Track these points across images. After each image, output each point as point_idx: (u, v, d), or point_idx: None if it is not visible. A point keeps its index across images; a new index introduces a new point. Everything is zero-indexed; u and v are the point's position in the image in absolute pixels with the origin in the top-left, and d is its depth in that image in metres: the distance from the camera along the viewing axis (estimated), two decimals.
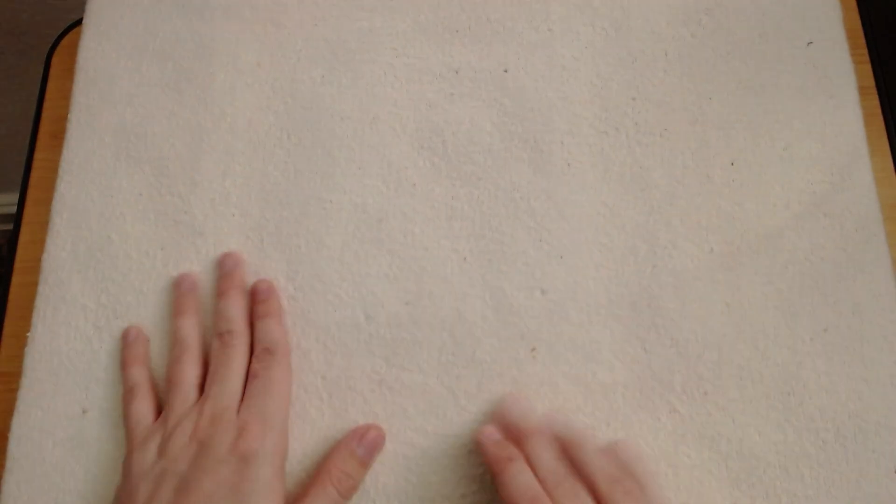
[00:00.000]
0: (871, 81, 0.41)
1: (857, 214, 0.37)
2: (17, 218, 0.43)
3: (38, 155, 0.44)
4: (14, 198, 0.45)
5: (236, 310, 0.37)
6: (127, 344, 0.38)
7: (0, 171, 1.00)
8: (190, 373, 0.36)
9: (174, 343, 0.37)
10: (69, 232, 0.40)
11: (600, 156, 0.39)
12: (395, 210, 0.39)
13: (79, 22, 0.46)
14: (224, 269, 0.38)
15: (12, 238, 0.43)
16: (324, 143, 0.40)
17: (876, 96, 0.41)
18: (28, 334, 0.38)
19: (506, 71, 0.41)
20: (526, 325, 0.36)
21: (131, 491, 0.33)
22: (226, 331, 0.36)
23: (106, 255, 0.39)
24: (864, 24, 0.42)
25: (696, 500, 0.33)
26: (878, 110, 0.40)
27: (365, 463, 0.34)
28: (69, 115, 0.42)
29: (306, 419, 0.36)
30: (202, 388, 0.36)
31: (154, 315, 0.38)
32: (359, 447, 0.34)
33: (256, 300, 0.38)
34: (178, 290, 0.38)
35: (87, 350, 0.38)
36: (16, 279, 0.41)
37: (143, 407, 0.36)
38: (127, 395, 0.37)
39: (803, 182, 0.38)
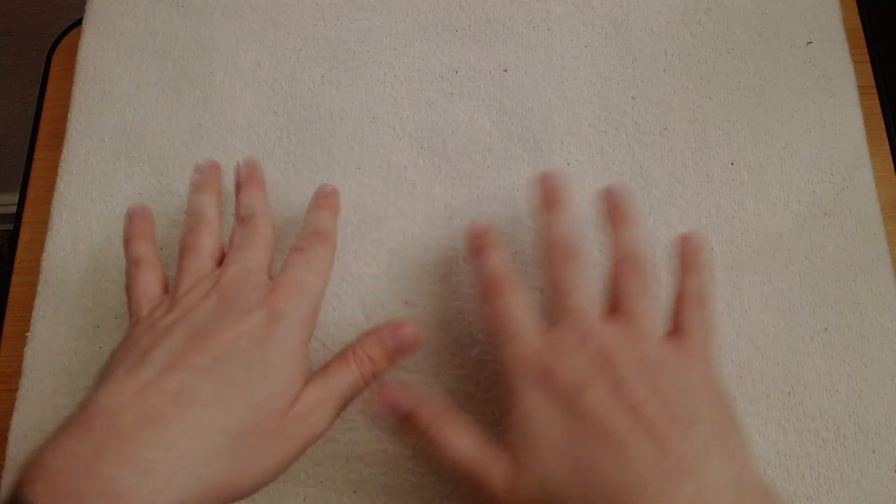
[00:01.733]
0: (870, 81, 0.41)
1: (857, 214, 0.37)
2: (17, 218, 0.43)
3: (38, 155, 0.44)
4: (14, 198, 0.45)
5: (256, 197, 0.35)
6: (131, 219, 0.34)
7: (0, 171, 1.00)
8: (207, 241, 0.33)
9: (190, 215, 0.34)
10: (69, 232, 0.40)
11: (600, 155, 0.39)
12: (395, 209, 0.39)
13: (79, 22, 0.46)
14: (245, 170, 0.36)
15: (12, 238, 0.43)
16: (323, 143, 0.40)
17: (876, 96, 0.41)
18: (28, 334, 0.38)
19: (505, 70, 0.41)
20: None
21: (128, 342, 0.29)
22: (248, 215, 0.34)
23: (106, 256, 0.39)
24: (863, 24, 0.42)
25: None
26: (878, 110, 0.40)
27: (391, 356, 0.31)
28: (69, 115, 0.42)
29: None
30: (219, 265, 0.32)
31: None
32: (390, 338, 0.31)
33: (316, 196, 0.36)
34: (199, 170, 0.36)
35: (87, 350, 0.37)
36: (16, 279, 0.41)
37: (151, 278, 0.32)
38: (132, 268, 0.33)
39: (803, 181, 0.38)
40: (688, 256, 0.33)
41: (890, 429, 0.34)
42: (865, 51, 0.42)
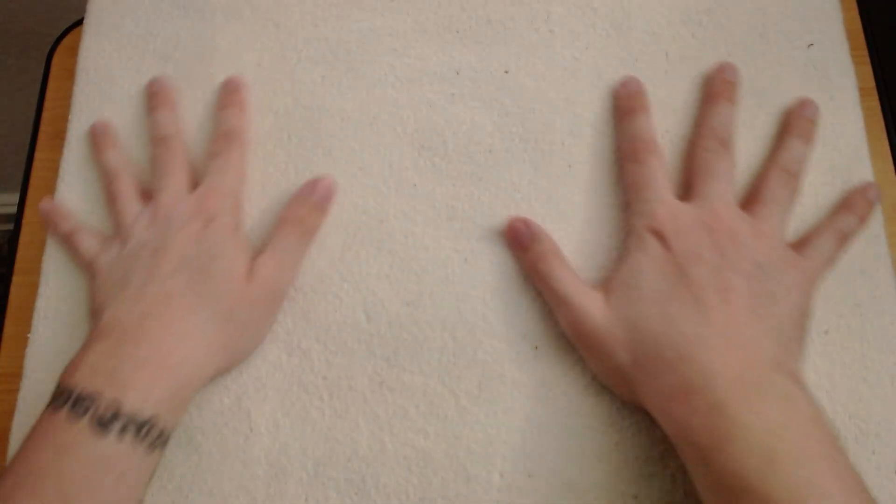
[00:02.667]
0: (871, 82, 0.41)
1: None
2: (18, 218, 0.43)
3: (38, 155, 0.44)
4: (14, 198, 0.45)
5: (168, 116, 0.40)
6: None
7: (0, 171, 1.00)
8: (128, 187, 0.38)
9: (102, 174, 0.40)
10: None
11: (601, 157, 0.39)
12: (396, 210, 0.39)
13: (79, 22, 0.46)
14: (153, 89, 0.41)
15: (12, 238, 0.43)
16: (324, 144, 0.40)
17: (876, 97, 0.41)
18: (28, 335, 0.38)
19: (507, 71, 0.41)
20: (527, 325, 0.36)
21: (106, 277, 0.35)
22: (162, 135, 0.39)
23: None
24: (864, 25, 0.42)
25: (699, 501, 0.33)
26: (879, 111, 0.40)
27: (321, 207, 0.38)
28: (69, 116, 0.42)
29: (307, 419, 0.36)
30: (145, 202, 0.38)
31: None
32: (312, 194, 0.37)
33: (222, 92, 0.40)
34: (93, 133, 0.41)
35: None
36: (16, 279, 0.41)
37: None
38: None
39: (804, 183, 0.37)
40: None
41: (890, 431, 0.34)
42: (866, 52, 0.42)
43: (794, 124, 0.37)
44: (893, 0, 0.50)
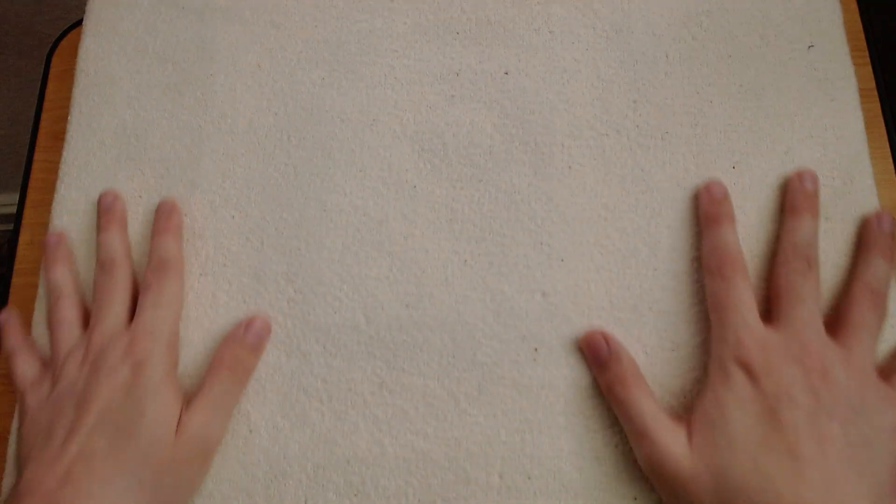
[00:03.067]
0: (871, 84, 0.41)
1: (858, 217, 0.37)
2: (17, 219, 0.43)
3: (37, 156, 0.44)
4: (14, 198, 0.45)
5: (116, 240, 0.38)
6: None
7: (0, 172, 1.00)
8: (70, 311, 0.37)
9: (48, 292, 0.38)
10: (69, 234, 0.40)
11: (601, 158, 0.39)
12: (396, 212, 0.39)
13: (79, 22, 0.46)
14: (103, 205, 0.39)
15: (12, 239, 0.43)
16: (324, 145, 0.40)
17: (877, 98, 0.41)
18: (28, 335, 0.38)
19: (506, 73, 0.41)
20: (527, 327, 0.36)
21: (31, 425, 0.34)
22: (107, 259, 0.37)
23: None
24: (864, 27, 0.42)
25: None
26: (879, 112, 0.40)
27: (255, 349, 0.36)
28: (69, 117, 0.42)
29: (306, 422, 0.36)
30: (86, 327, 0.37)
31: None
32: (247, 334, 0.36)
33: (156, 217, 0.39)
34: (46, 246, 0.39)
35: None
36: (16, 280, 0.41)
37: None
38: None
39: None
40: None
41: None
42: (866, 53, 0.42)
43: (873, 240, 0.35)
44: (893, 1, 0.50)
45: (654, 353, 0.35)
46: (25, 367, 0.36)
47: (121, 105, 0.42)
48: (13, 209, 0.44)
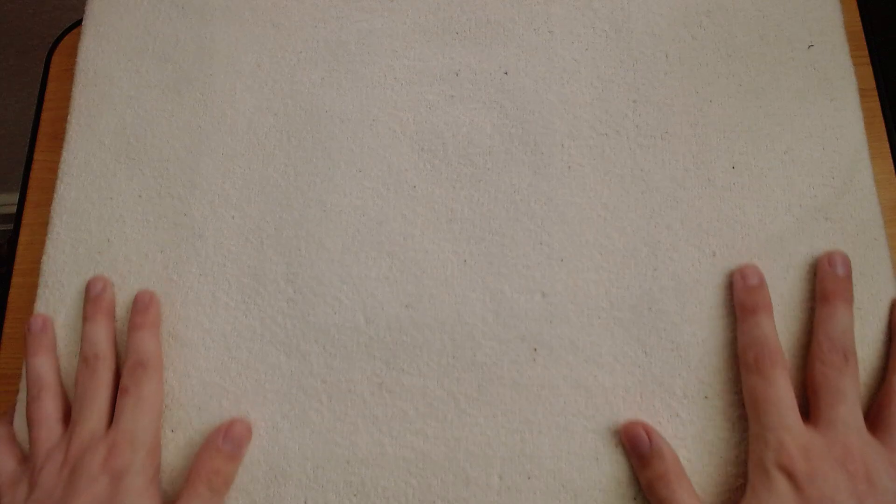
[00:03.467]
0: (871, 83, 0.41)
1: (857, 218, 0.37)
2: (17, 219, 0.43)
3: (37, 156, 0.44)
4: (14, 198, 0.45)
5: (101, 333, 0.37)
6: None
7: (0, 171, 1.00)
8: (51, 407, 0.36)
9: (29, 383, 0.36)
10: (69, 234, 0.40)
11: (601, 158, 0.39)
12: (395, 212, 0.39)
13: (79, 22, 0.46)
14: (91, 293, 0.38)
15: (12, 239, 0.43)
16: (324, 145, 0.40)
17: (876, 98, 0.41)
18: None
19: (506, 73, 0.41)
20: (526, 327, 0.36)
21: None
22: (91, 354, 0.36)
23: (105, 258, 0.39)
24: (864, 26, 0.42)
25: None
26: (879, 112, 0.40)
27: (233, 457, 0.35)
28: (69, 117, 0.42)
29: (306, 422, 0.36)
30: (67, 422, 0.35)
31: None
32: (225, 443, 0.35)
33: (134, 311, 0.37)
34: (29, 331, 0.37)
35: None
36: (16, 280, 0.41)
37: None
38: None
39: (804, 185, 0.37)
40: None
41: None
42: (866, 53, 0.42)
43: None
44: (893, 1, 0.50)
45: (654, 353, 0.35)
46: (2, 463, 0.35)
47: (120, 105, 0.42)
48: (13, 209, 0.44)
